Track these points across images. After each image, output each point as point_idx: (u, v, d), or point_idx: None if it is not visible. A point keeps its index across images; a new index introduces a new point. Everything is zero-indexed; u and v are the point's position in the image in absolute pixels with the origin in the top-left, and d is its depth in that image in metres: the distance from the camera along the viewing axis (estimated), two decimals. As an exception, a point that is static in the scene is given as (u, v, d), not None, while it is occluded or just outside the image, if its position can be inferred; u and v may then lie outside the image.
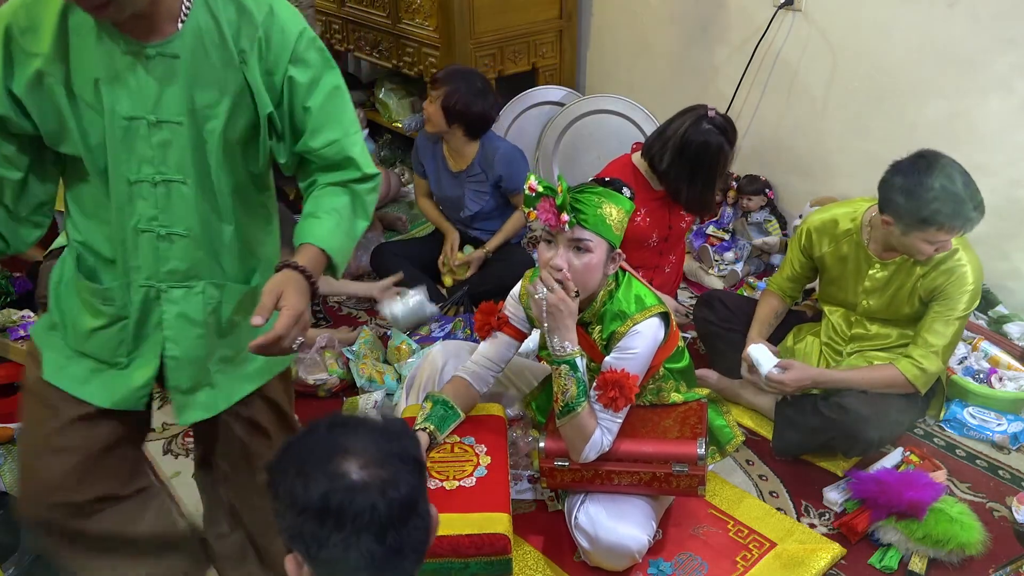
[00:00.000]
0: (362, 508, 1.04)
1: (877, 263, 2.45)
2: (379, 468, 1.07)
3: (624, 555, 2.09)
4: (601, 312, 2.08)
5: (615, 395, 1.99)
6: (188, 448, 2.65)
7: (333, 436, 1.11)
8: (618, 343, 2.04)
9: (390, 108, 4.32)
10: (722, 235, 3.55)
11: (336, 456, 1.07)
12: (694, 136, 2.58)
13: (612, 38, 4.08)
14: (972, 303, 2.38)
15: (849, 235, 2.50)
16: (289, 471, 1.09)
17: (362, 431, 1.11)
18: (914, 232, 2.27)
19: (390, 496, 1.05)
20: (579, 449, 2.05)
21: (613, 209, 1.98)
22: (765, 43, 3.44)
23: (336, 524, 1.04)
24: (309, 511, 1.05)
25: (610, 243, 2.01)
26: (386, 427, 1.13)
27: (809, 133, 3.46)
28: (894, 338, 2.52)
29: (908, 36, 3.05)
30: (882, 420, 2.38)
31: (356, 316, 3.28)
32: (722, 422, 2.27)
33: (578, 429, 2.03)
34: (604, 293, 2.08)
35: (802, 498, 2.43)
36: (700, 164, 2.61)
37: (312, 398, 2.83)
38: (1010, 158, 2.92)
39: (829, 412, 2.40)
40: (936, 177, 2.21)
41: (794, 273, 2.65)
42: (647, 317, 2.04)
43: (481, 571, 1.97)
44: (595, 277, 2.02)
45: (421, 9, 3.78)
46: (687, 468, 2.07)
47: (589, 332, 2.11)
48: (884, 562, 2.20)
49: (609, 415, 2.04)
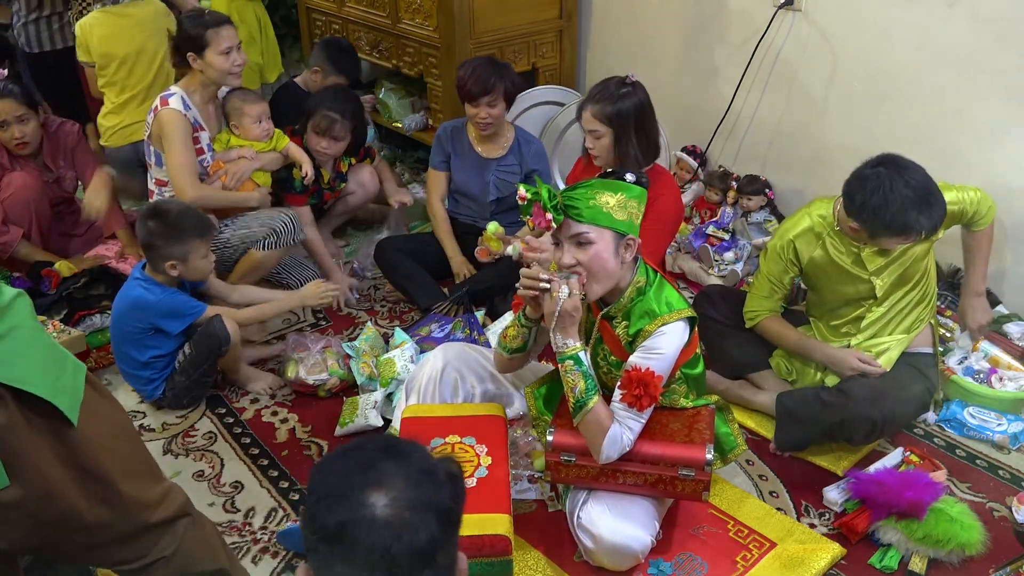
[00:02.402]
0: (374, 546, 1.00)
1: (867, 246, 2.47)
2: (407, 510, 1.03)
3: (627, 555, 2.09)
4: (628, 308, 2.08)
5: (640, 393, 1.97)
6: (188, 448, 2.65)
7: (373, 461, 1.06)
8: (644, 342, 2.03)
9: (390, 108, 4.31)
10: (722, 235, 3.55)
11: (368, 485, 1.03)
12: (624, 103, 2.65)
13: (612, 38, 4.08)
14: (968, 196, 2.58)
15: (830, 235, 2.51)
16: (322, 484, 1.05)
17: (406, 465, 1.06)
18: (881, 237, 2.35)
19: (407, 541, 1.01)
20: (599, 446, 2.03)
21: (610, 197, 1.98)
22: (765, 43, 3.44)
23: (346, 554, 1.01)
24: (325, 532, 1.02)
25: (615, 230, 2.00)
26: (432, 469, 1.08)
27: (809, 133, 3.46)
28: (901, 307, 2.54)
29: (908, 36, 3.06)
30: (884, 402, 2.39)
31: (356, 316, 3.28)
32: (727, 430, 2.27)
33: (594, 424, 2.02)
34: (632, 289, 2.07)
35: (802, 498, 2.43)
36: (640, 119, 2.68)
37: (312, 398, 2.83)
38: (1009, 158, 2.93)
39: (830, 398, 2.42)
40: (898, 189, 2.25)
41: (772, 286, 2.63)
42: (675, 320, 2.04)
43: (482, 572, 1.97)
44: (607, 266, 2.01)
45: (421, 9, 3.78)
46: (694, 473, 2.07)
47: (614, 327, 2.10)
48: (884, 562, 2.20)
49: (632, 414, 2.02)
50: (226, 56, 2.99)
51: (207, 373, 2.75)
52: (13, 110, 3.22)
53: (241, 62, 3.05)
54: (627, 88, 2.67)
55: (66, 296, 3.07)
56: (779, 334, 2.65)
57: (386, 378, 2.76)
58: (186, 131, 3.02)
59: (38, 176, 3.39)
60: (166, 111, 3.00)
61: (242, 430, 2.72)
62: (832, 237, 2.51)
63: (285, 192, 3.37)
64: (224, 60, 2.99)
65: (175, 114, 3.00)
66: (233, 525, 2.36)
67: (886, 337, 2.56)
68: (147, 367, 2.72)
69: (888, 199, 2.25)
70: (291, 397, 2.85)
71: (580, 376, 2.01)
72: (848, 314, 2.59)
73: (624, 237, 2.01)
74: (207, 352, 2.69)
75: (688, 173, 3.80)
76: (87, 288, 3.12)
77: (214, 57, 2.99)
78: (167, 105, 3.00)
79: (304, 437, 2.69)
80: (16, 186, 3.29)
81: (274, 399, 2.85)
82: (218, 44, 2.98)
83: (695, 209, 3.73)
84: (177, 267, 2.64)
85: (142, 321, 2.66)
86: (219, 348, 2.69)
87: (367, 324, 3.10)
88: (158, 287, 2.66)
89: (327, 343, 2.89)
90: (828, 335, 2.63)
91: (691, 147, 3.83)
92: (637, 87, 2.69)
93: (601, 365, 2.16)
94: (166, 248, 2.61)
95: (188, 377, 2.71)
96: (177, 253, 2.62)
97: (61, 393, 1.45)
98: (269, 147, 3.25)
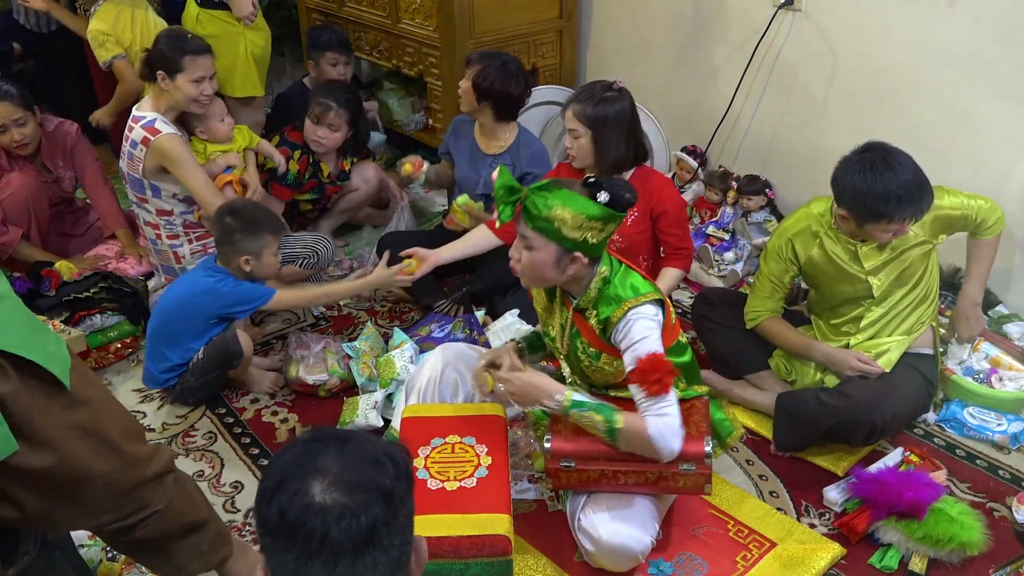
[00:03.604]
0: (313, 531, 1.01)
1: (863, 244, 2.47)
2: (345, 494, 1.03)
3: (628, 556, 2.09)
4: (595, 298, 2.08)
5: (657, 378, 1.95)
6: (188, 448, 2.65)
7: (314, 452, 1.07)
8: (623, 337, 2.02)
9: (390, 108, 4.32)
10: (722, 235, 3.55)
11: (307, 473, 1.04)
12: (606, 107, 2.63)
13: (612, 38, 4.08)
14: (974, 203, 2.54)
15: (826, 233, 2.52)
16: (267, 478, 1.07)
17: (346, 452, 1.07)
18: (868, 224, 2.36)
19: (346, 525, 1.01)
20: (655, 450, 1.99)
21: (567, 213, 1.95)
22: (765, 43, 3.44)
23: (288, 543, 1.02)
24: (269, 524, 1.03)
25: (559, 245, 1.98)
26: (370, 452, 1.08)
27: (809, 133, 3.46)
28: (901, 308, 2.54)
29: (908, 36, 3.06)
30: (884, 406, 2.39)
31: (356, 316, 3.28)
32: (721, 415, 2.26)
33: (634, 437, 1.99)
34: (598, 279, 2.06)
35: (802, 498, 2.43)
36: (620, 125, 2.66)
37: (312, 398, 2.83)
38: (1010, 158, 2.93)
39: (830, 400, 2.42)
40: (883, 172, 2.27)
41: (773, 286, 2.63)
42: (641, 303, 2.02)
43: (482, 572, 1.97)
44: (543, 273, 2.03)
45: (421, 9, 3.78)
46: (694, 467, 2.06)
47: (587, 317, 2.11)
48: (884, 562, 2.20)
49: (660, 404, 1.98)
50: (196, 84, 3.00)
51: (216, 380, 2.78)
52: (10, 113, 3.22)
53: (210, 92, 3.05)
54: (612, 93, 2.65)
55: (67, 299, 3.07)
56: (780, 334, 2.65)
57: (386, 379, 2.76)
58: (189, 150, 3.03)
59: (37, 176, 3.39)
60: (163, 138, 2.96)
61: (242, 430, 2.72)
62: (829, 236, 2.51)
63: (274, 181, 3.37)
64: (194, 88, 2.99)
65: (173, 138, 2.98)
66: (233, 525, 2.36)
67: (886, 338, 2.55)
68: (185, 353, 2.75)
69: (869, 180, 2.28)
70: (291, 397, 2.85)
71: (591, 412, 2.01)
72: (847, 313, 2.59)
73: (570, 253, 2.00)
74: (218, 362, 2.72)
75: (688, 173, 3.80)
76: (89, 290, 3.11)
77: (185, 83, 2.98)
78: (160, 133, 2.96)
79: (304, 437, 2.69)
80: (15, 186, 3.29)
81: (274, 399, 2.85)
82: (192, 72, 2.97)
83: (695, 209, 3.73)
84: (250, 262, 2.70)
85: (211, 308, 2.71)
86: (230, 361, 2.74)
87: (367, 324, 3.11)
88: (230, 278, 2.72)
89: (327, 343, 2.89)
90: (828, 334, 2.63)
91: (691, 147, 3.83)
92: (623, 93, 2.67)
93: (582, 359, 2.15)
94: (243, 243, 2.69)
95: (197, 379, 2.75)
96: (252, 248, 2.69)
97: (51, 358, 1.50)
98: (241, 146, 3.27)
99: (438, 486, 2.03)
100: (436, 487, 2.02)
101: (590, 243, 1.99)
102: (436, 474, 2.06)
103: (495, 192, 2.00)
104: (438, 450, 2.13)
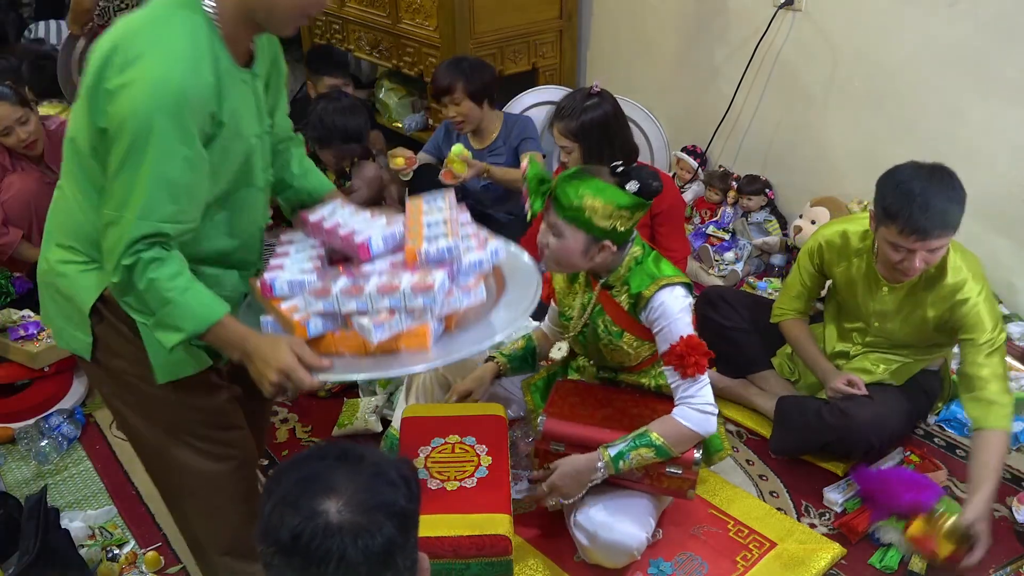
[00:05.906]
0: (330, 552, 1.00)
1: (886, 286, 2.38)
2: (360, 514, 1.02)
3: (623, 552, 2.09)
4: (627, 276, 2.09)
5: (693, 361, 1.98)
6: (188, 448, 2.65)
7: (324, 469, 1.06)
8: (657, 316, 2.04)
9: (390, 108, 4.32)
10: (722, 235, 3.55)
11: (319, 492, 1.03)
12: (589, 115, 2.63)
13: (612, 38, 4.08)
14: (997, 330, 2.26)
15: (860, 255, 2.42)
16: (274, 495, 1.05)
17: (357, 470, 1.06)
18: (881, 227, 2.21)
19: (363, 545, 1.01)
20: (697, 436, 2.04)
21: (597, 203, 1.97)
22: (765, 43, 3.44)
23: (303, 564, 1.01)
24: (280, 544, 1.02)
25: (588, 234, 2.00)
26: (383, 471, 1.08)
27: (809, 133, 3.46)
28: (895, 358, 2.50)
29: (908, 36, 3.06)
30: (883, 427, 2.37)
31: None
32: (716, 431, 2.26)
33: (674, 437, 2.03)
34: (630, 259, 2.09)
35: (802, 498, 2.43)
36: (607, 129, 2.66)
37: (312, 398, 2.83)
38: (1010, 158, 2.92)
39: (831, 418, 2.39)
40: (920, 178, 2.14)
41: (804, 289, 2.58)
42: (674, 282, 2.05)
43: (482, 572, 1.97)
44: (571, 259, 2.04)
45: (421, 9, 3.78)
46: (681, 471, 2.08)
47: (614, 295, 2.12)
48: (884, 562, 2.20)
49: (696, 385, 2.02)
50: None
51: None
52: (12, 114, 3.22)
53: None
54: (593, 99, 2.64)
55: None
56: (795, 338, 2.60)
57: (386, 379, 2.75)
58: None
59: (38, 178, 3.39)
60: None
61: (242, 430, 2.72)
62: (861, 260, 2.42)
63: None
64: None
65: None
66: (233, 525, 2.35)
67: (881, 367, 2.49)
68: None
69: (917, 175, 2.15)
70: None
71: (633, 451, 2.03)
72: (856, 322, 2.55)
73: (599, 241, 2.02)
74: None
75: (688, 173, 3.80)
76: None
77: None
78: None
79: (304, 437, 2.69)
80: (16, 188, 3.29)
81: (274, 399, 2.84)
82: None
83: (695, 209, 3.73)
84: None
85: None
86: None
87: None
88: None
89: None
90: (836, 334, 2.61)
91: (691, 147, 3.83)
92: (604, 96, 2.67)
93: (602, 337, 2.16)
94: None
95: None
96: None
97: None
98: None
99: (438, 486, 2.03)
100: (436, 487, 2.02)
101: (619, 231, 2.01)
102: (436, 474, 2.06)
103: (527, 183, 2.01)
104: (438, 450, 2.13)
